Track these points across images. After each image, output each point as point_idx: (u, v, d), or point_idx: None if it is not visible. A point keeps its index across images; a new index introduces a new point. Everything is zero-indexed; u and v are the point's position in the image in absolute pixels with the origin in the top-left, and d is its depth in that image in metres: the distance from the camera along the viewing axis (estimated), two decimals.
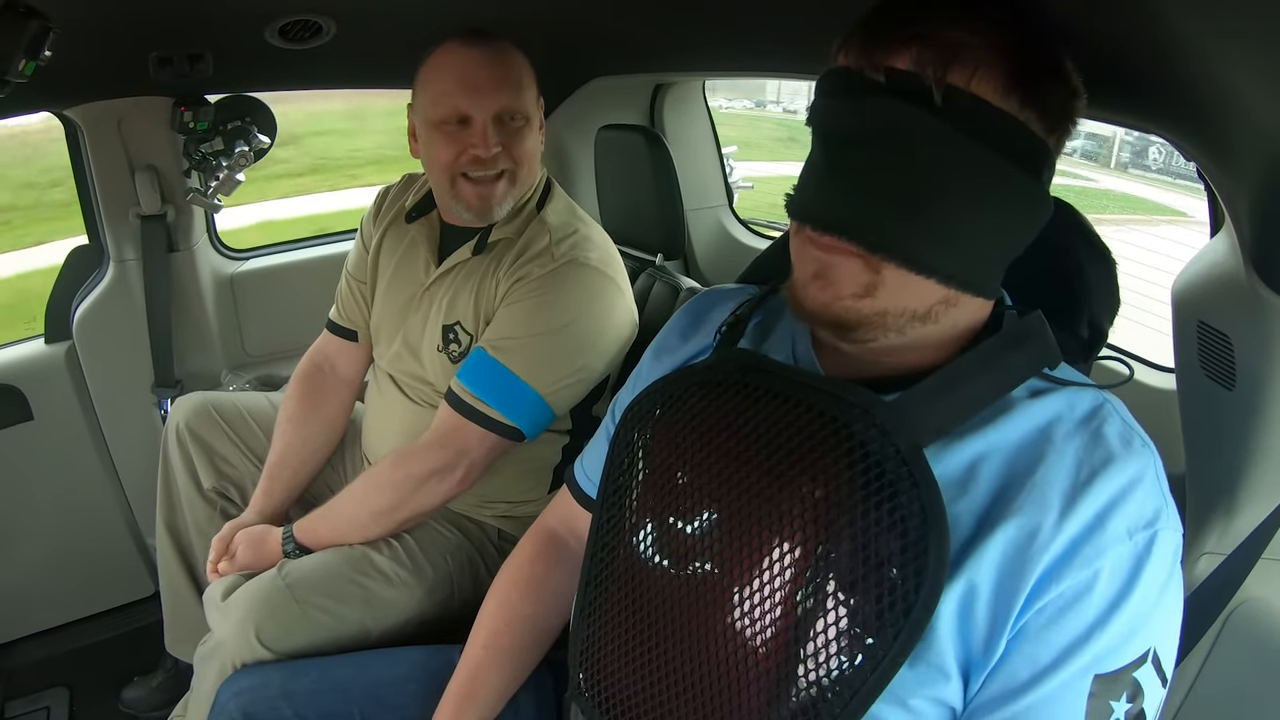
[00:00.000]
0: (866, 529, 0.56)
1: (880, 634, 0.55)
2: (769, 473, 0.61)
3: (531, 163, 1.23)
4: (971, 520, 0.59)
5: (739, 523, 0.62)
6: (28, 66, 0.96)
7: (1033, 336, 0.63)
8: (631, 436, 0.72)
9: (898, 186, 0.58)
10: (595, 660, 0.71)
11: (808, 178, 0.63)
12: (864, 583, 0.56)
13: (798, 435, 0.60)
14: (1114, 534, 0.56)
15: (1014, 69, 0.58)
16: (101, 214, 1.77)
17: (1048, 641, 0.56)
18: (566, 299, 1.18)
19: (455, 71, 1.17)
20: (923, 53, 0.57)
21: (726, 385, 0.67)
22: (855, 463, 0.57)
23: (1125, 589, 0.56)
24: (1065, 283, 0.73)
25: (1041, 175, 0.61)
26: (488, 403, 1.16)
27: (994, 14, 0.58)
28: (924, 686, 0.59)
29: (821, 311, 0.61)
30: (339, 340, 1.47)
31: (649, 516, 0.68)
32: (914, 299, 0.60)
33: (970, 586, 0.57)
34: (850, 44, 0.61)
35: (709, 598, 0.62)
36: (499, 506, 1.32)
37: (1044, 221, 0.63)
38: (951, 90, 0.56)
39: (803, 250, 0.63)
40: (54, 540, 1.84)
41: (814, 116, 0.63)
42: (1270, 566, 0.82)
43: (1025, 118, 0.58)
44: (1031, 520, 0.57)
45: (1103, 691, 0.56)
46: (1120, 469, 0.58)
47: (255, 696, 0.98)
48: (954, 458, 0.60)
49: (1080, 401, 0.62)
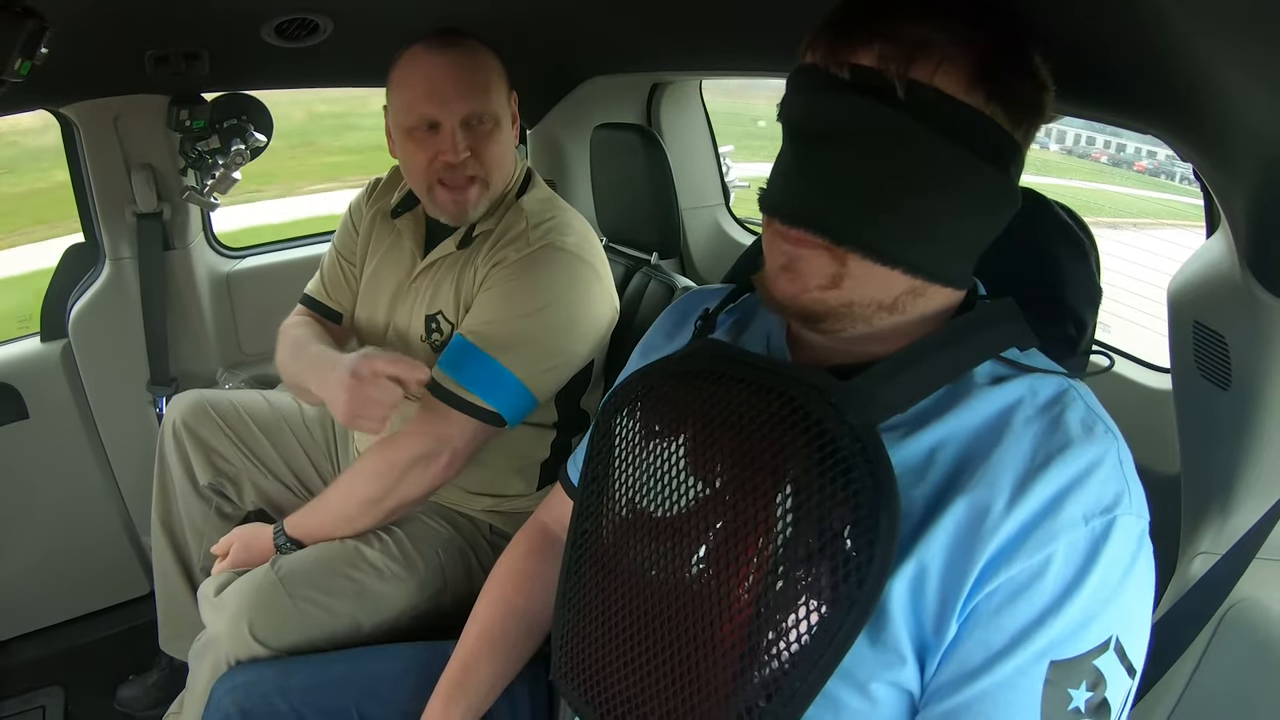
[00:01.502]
0: (822, 503, 0.57)
1: (835, 605, 0.56)
2: (736, 454, 0.62)
3: (501, 164, 1.25)
4: (924, 503, 0.59)
5: (709, 504, 0.63)
6: (24, 65, 0.96)
7: (997, 319, 0.64)
8: (610, 425, 0.74)
9: (863, 180, 0.60)
10: (573, 644, 0.72)
11: (778, 173, 0.65)
12: (820, 555, 0.57)
13: (760, 416, 0.62)
14: (1069, 519, 0.56)
15: (978, 64, 0.58)
16: (97, 212, 1.76)
17: (1000, 626, 0.56)
18: (543, 282, 1.19)
19: (421, 78, 1.18)
20: (885, 49, 0.58)
21: (697, 374, 0.69)
22: (811, 440, 0.59)
23: (1080, 574, 0.56)
24: (1043, 277, 0.73)
25: (1009, 168, 0.62)
26: (468, 388, 1.16)
27: (959, 11, 0.59)
28: (881, 669, 0.59)
29: (790, 303, 0.63)
30: (320, 319, 1.44)
31: (624, 502, 0.70)
32: (880, 290, 0.62)
33: (921, 567, 0.58)
34: (817, 42, 0.62)
35: (679, 580, 0.64)
36: (487, 500, 1.33)
37: (1011, 214, 0.64)
38: (915, 85, 0.57)
39: (773, 243, 0.64)
40: (49, 539, 1.84)
41: (782, 113, 0.65)
42: (1265, 566, 0.82)
43: (991, 111, 0.59)
44: (981, 501, 0.57)
45: (1059, 679, 0.55)
46: (1078, 454, 0.58)
47: (250, 692, 0.98)
48: (914, 446, 0.61)
49: (1043, 387, 0.62)
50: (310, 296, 1.47)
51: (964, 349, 0.63)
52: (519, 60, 1.25)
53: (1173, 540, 0.89)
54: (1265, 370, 0.76)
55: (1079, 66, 0.63)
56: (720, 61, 1.57)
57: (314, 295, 1.46)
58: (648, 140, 1.63)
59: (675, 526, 0.65)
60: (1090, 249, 0.74)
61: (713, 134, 2.15)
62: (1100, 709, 0.56)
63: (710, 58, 1.56)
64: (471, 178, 1.22)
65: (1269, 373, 0.76)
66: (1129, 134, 0.86)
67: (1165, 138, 0.78)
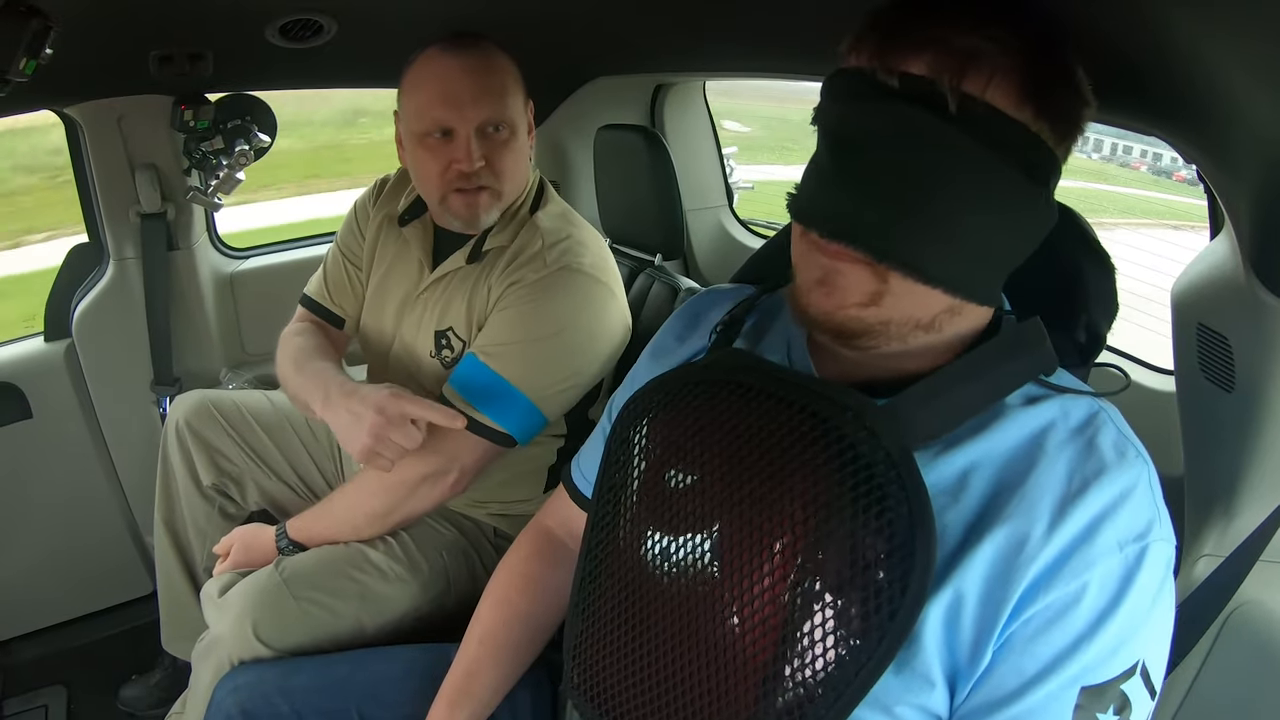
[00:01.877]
0: (854, 531, 0.56)
1: (865, 636, 0.55)
2: (763, 473, 0.61)
3: (516, 174, 1.22)
4: (961, 529, 0.58)
5: (734, 522, 0.62)
6: (28, 65, 0.96)
7: (1029, 343, 0.62)
8: (628, 434, 0.72)
9: (909, 193, 0.57)
10: (588, 655, 0.71)
11: (813, 179, 0.62)
12: (851, 585, 0.56)
13: (790, 436, 0.60)
14: (1104, 546, 0.56)
15: (1029, 78, 0.57)
16: (101, 212, 1.76)
17: (1034, 653, 0.56)
18: (559, 305, 1.18)
19: (437, 82, 1.15)
20: (938, 58, 0.56)
21: (722, 385, 0.66)
22: (845, 464, 0.57)
23: (1114, 602, 0.56)
24: (1064, 286, 0.73)
25: (1050, 185, 0.60)
26: (479, 409, 1.15)
27: (1009, 19, 0.57)
28: (909, 694, 0.59)
29: (825, 319, 0.61)
30: (323, 324, 1.42)
31: (645, 514, 0.68)
32: (919, 308, 0.60)
33: (957, 595, 0.57)
34: (863, 44, 0.60)
35: (701, 596, 0.63)
36: (493, 505, 1.32)
37: (1048, 231, 0.63)
38: (967, 98, 0.55)
39: (807, 256, 0.62)
40: (52, 538, 1.84)
41: (822, 118, 0.62)
42: (1268, 569, 0.82)
43: (1039, 128, 0.58)
44: (1020, 529, 0.57)
45: (1089, 704, 0.55)
46: (1112, 480, 0.57)
47: (252, 693, 0.97)
48: (946, 466, 0.60)
49: (1075, 409, 0.61)
50: (311, 299, 1.43)
51: (1000, 375, 0.61)
52: (522, 61, 1.25)
53: (1177, 543, 0.89)
54: (1269, 372, 0.76)
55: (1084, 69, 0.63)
56: (724, 63, 1.57)
57: (315, 298, 1.42)
58: (651, 141, 1.63)
59: (698, 544, 0.64)
60: (1111, 265, 0.73)
61: (716, 135, 2.15)
62: None
63: (714, 59, 1.56)
64: (483, 187, 1.19)
65: (1273, 375, 0.75)
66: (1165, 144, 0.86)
67: (1169, 139, 0.78)
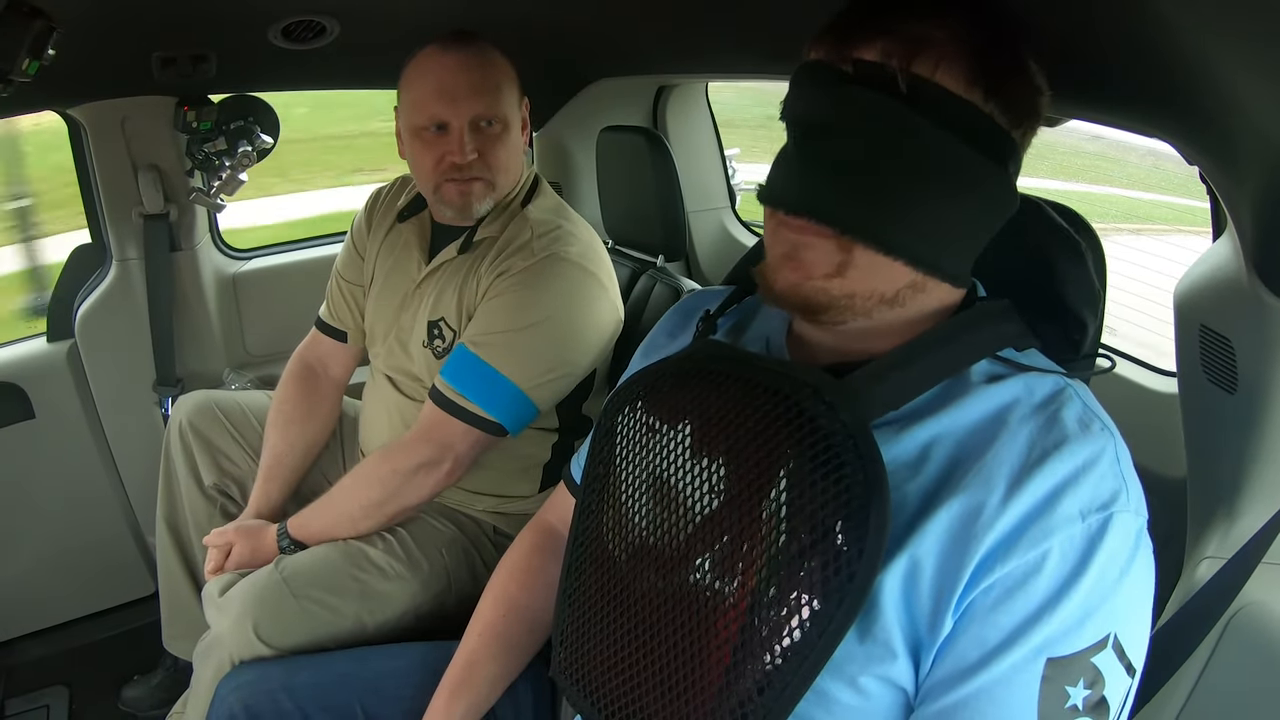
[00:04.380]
0: (815, 499, 0.58)
1: (826, 599, 0.56)
2: (732, 453, 0.63)
3: (508, 168, 1.25)
4: (919, 498, 0.60)
5: (708, 503, 0.64)
6: (31, 66, 0.96)
7: (993, 318, 0.65)
8: (612, 424, 0.74)
9: (866, 170, 0.61)
10: (574, 640, 0.73)
11: (780, 166, 0.65)
12: (812, 550, 0.57)
13: (755, 414, 0.62)
14: (1065, 515, 0.56)
15: (977, 64, 0.60)
16: (104, 213, 1.77)
17: (996, 622, 0.56)
18: (546, 293, 1.19)
19: (432, 78, 1.19)
20: (889, 45, 0.60)
21: (696, 374, 0.69)
22: (805, 437, 0.59)
23: (1077, 571, 0.55)
24: (1040, 279, 0.73)
25: (1007, 166, 0.63)
26: (470, 398, 1.17)
27: (961, 13, 0.61)
28: (872, 663, 0.59)
29: (791, 292, 0.63)
30: (330, 341, 1.49)
31: (625, 501, 0.71)
32: (883, 281, 0.62)
33: (914, 562, 0.58)
34: (821, 41, 0.64)
35: (677, 577, 0.64)
36: (490, 501, 1.33)
37: (1009, 212, 0.65)
38: (916, 79, 0.59)
39: (775, 234, 0.65)
40: (55, 539, 1.84)
41: (786, 108, 0.66)
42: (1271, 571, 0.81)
43: (989, 110, 0.61)
44: (976, 498, 0.57)
45: (1057, 676, 0.55)
46: (1074, 451, 0.58)
47: (255, 690, 0.98)
48: (909, 441, 0.61)
49: (1040, 386, 0.62)
50: (320, 319, 1.51)
51: (959, 347, 0.63)
52: (525, 62, 1.26)
53: (1179, 544, 0.89)
54: (1271, 374, 0.76)
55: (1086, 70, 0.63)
56: (726, 64, 1.57)
57: (322, 317, 1.51)
58: (654, 143, 1.63)
59: (675, 525, 0.66)
60: (1088, 250, 0.73)
61: (719, 136, 2.16)
62: (1099, 707, 0.56)
63: (716, 60, 1.56)
64: (476, 177, 1.22)
65: (1275, 376, 0.75)
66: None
67: (1172, 141, 0.78)
